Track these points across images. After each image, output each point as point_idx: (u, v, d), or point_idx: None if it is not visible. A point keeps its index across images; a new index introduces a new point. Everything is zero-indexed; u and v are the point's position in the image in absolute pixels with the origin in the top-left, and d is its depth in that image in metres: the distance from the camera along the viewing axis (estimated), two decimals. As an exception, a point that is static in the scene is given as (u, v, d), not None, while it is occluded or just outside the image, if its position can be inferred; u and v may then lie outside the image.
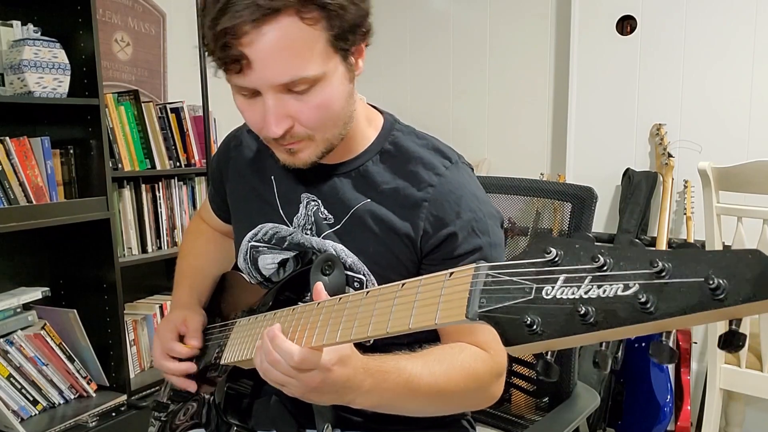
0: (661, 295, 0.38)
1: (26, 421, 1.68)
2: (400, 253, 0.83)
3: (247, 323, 0.85)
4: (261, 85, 0.73)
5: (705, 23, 2.20)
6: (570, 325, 0.41)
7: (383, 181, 0.84)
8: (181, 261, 1.09)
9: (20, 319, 1.73)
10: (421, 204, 0.82)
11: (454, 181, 0.84)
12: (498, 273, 0.48)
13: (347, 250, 0.85)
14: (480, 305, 0.48)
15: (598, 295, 0.41)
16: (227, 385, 0.86)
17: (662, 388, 2.00)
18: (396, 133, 0.87)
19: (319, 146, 0.79)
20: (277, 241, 0.91)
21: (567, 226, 1.14)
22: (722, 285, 0.36)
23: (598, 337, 0.42)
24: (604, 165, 2.44)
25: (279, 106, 0.74)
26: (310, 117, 0.75)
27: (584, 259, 0.43)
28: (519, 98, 2.66)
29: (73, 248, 1.90)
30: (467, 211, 0.81)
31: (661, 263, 0.39)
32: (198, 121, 2.26)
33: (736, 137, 2.18)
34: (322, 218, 0.87)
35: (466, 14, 2.71)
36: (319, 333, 0.65)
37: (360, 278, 0.84)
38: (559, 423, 1.01)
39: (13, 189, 1.65)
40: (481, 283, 0.49)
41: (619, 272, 0.41)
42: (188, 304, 0.99)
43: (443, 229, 0.81)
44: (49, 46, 1.68)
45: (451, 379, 0.75)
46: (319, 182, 0.87)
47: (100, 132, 1.78)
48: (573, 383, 1.11)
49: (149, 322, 2.10)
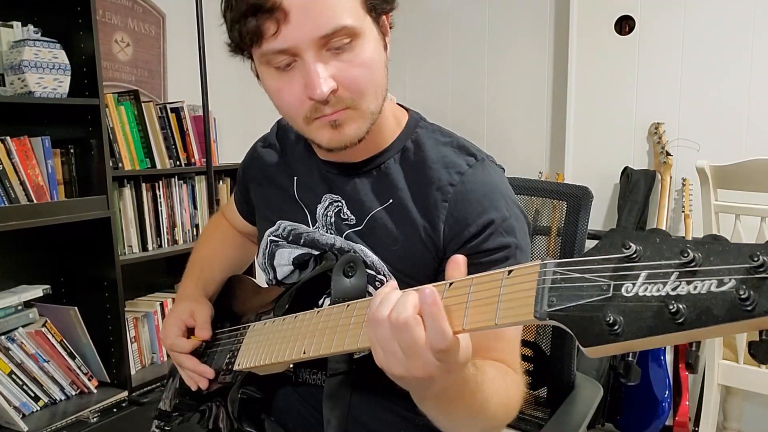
0: (762, 291, 0.35)
1: (28, 417, 1.69)
2: (421, 254, 0.80)
3: (263, 327, 0.83)
4: (301, 40, 0.68)
5: (703, 23, 2.20)
6: (659, 324, 0.38)
7: (403, 181, 0.82)
8: (193, 253, 1.08)
9: (21, 316, 1.74)
10: (441, 205, 0.79)
11: (478, 179, 0.80)
12: (568, 270, 0.44)
13: (367, 249, 0.83)
14: (550, 303, 0.44)
15: (688, 292, 0.38)
16: (240, 391, 0.84)
17: (661, 384, 2.01)
18: (419, 130, 0.85)
19: (364, 119, 0.75)
20: (294, 238, 0.90)
21: (563, 224, 1.15)
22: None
23: (689, 337, 0.39)
24: (602, 164, 2.45)
25: (321, 66, 0.69)
26: (354, 78, 0.71)
27: (668, 254, 0.40)
28: (518, 97, 2.67)
29: (74, 246, 1.91)
30: (492, 210, 0.78)
31: (762, 257, 0.36)
32: (198, 120, 2.27)
33: (734, 136, 2.19)
34: (343, 219, 0.85)
35: (465, 14, 2.72)
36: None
37: (381, 279, 0.82)
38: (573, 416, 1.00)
39: (14, 188, 1.66)
40: (549, 280, 0.45)
41: (711, 267, 0.38)
42: (193, 295, 0.97)
43: (465, 229, 0.77)
44: (50, 46, 1.69)
45: (499, 405, 0.68)
46: (342, 183, 0.86)
47: (100, 132, 1.79)
48: (573, 374, 1.12)
49: (150, 320, 2.11)
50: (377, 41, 0.74)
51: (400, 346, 0.53)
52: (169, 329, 0.92)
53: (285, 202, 0.92)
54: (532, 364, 1.18)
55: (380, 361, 0.56)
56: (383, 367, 0.56)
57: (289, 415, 0.90)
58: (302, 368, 0.90)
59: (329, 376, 0.79)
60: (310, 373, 0.89)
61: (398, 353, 0.53)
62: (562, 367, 1.12)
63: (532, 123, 2.65)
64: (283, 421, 0.90)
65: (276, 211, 0.93)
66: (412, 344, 0.52)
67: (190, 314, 0.93)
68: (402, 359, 0.53)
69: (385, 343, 0.54)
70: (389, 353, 0.54)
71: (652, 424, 1.99)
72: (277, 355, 0.75)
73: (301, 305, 0.78)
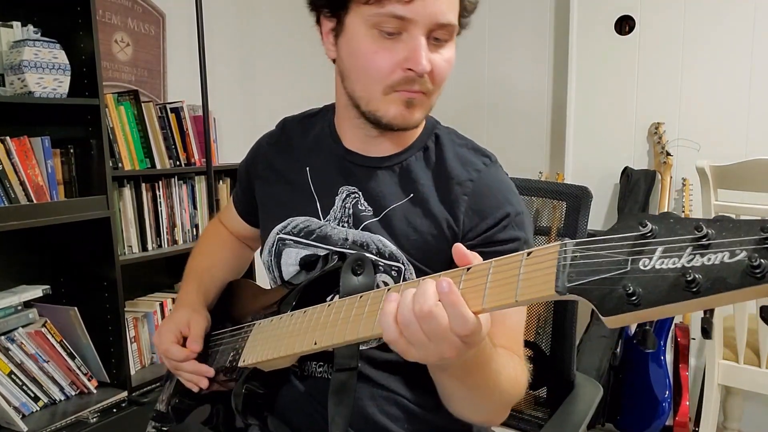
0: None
1: (27, 417, 1.69)
2: (440, 244, 0.84)
3: (269, 324, 0.84)
4: (425, 16, 0.74)
5: (703, 22, 2.20)
6: (675, 293, 0.41)
7: (425, 177, 0.87)
8: (191, 260, 1.08)
9: (21, 316, 1.74)
10: (461, 198, 0.84)
11: (493, 177, 0.87)
12: (587, 248, 0.47)
13: (385, 240, 0.85)
14: (569, 279, 0.47)
15: (702, 264, 0.40)
16: (245, 386, 0.85)
17: (661, 384, 2.01)
18: (438, 132, 0.91)
19: (427, 110, 0.83)
20: (305, 234, 0.90)
21: (563, 224, 1.15)
22: None
23: (704, 304, 0.41)
24: (602, 163, 2.45)
25: (426, 47, 0.76)
26: (440, 70, 0.79)
27: (681, 231, 0.42)
28: (518, 97, 2.67)
29: (74, 246, 1.91)
30: (507, 204, 0.84)
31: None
32: (198, 120, 2.27)
33: (734, 136, 2.19)
34: (361, 210, 0.87)
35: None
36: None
37: (398, 267, 0.85)
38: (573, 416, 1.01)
39: (14, 188, 1.66)
40: (569, 258, 0.48)
41: (723, 240, 0.40)
42: (193, 303, 0.98)
43: (483, 221, 0.83)
44: (49, 46, 1.69)
45: (509, 379, 0.74)
46: (361, 174, 0.89)
47: (100, 132, 1.79)
48: (573, 374, 1.12)
49: (150, 320, 2.11)
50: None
51: (426, 335, 0.57)
52: (165, 335, 0.92)
53: (296, 196, 0.92)
54: (532, 364, 1.17)
55: (404, 351, 0.59)
56: (407, 355, 0.59)
57: (293, 411, 0.90)
58: (308, 360, 0.90)
59: (336, 371, 0.79)
60: (317, 365, 0.89)
61: (425, 342, 0.57)
62: (562, 367, 1.13)
63: (532, 123, 2.65)
64: (287, 417, 0.90)
65: (286, 208, 0.93)
66: (438, 330, 0.56)
67: (187, 323, 0.93)
68: (430, 346, 0.57)
69: (413, 335, 0.57)
70: (418, 344, 0.58)
71: (652, 424, 1.99)
72: (286, 349, 0.76)
73: (307, 304, 0.79)
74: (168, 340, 0.91)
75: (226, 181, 2.44)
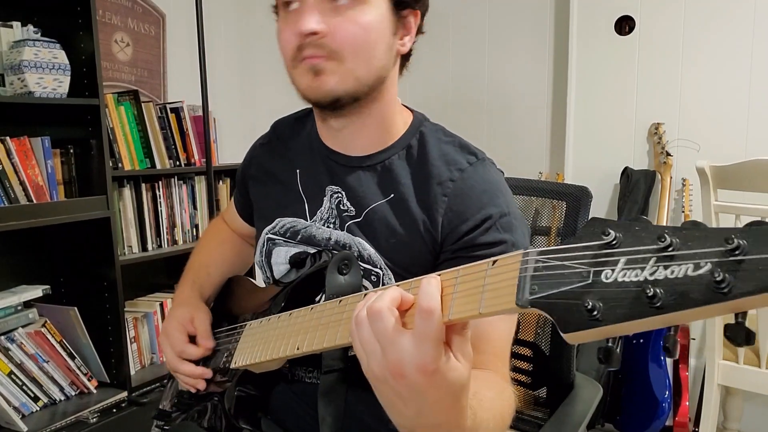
0: (737, 274, 0.35)
1: (27, 417, 1.69)
2: (418, 249, 0.81)
3: (259, 325, 0.83)
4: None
5: (703, 23, 2.20)
6: (636, 308, 0.38)
7: (406, 177, 0.84)
8: (191, 257, 1.09)
9: (21, 316, 1.74)
10: (440, 199, 0.80)
11: (478, 176, 0.82)
12: (549, 258, 0.44)
13: (365, 243, 0.83)
14: (531, 291, 0.44)
15: (665, 276, 0.38)
16: (237, 389, 0.85)
17: (661, 384, 2.01)
18: (423, 129, 0.88)
19: (345, 78, 0.76)
20: (291, 235, 0.90)
21: (563, 224, 1.15)
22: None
23: (667, 321, 0.39)
24: (602, 164, 2.45)
25: (316, 9, 0.74)
26: (345, 31, 0.74)
27: (647, 240, 0.40)
28: (518, 97, 2.67)
29: (74, 246, 1.91)
30: (491, 205, 0.79)
31: (737, 240, 0.36)
32: (197, 120, 2.27)
33: (734, 136, 2.19)
34: (343, 210, 0.86)
35: (465, 13, 2.72)
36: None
37: (377, 272, 0.83)
38: (573, 416, 1.00)
39: (14, 188, 1.66)
40: (531, 269, 0.45)
41: (687, 251, 0.38)
42: (189, 299, 0.98)
43: (463, 224, 0.79)
44: (49, 46, 1.69)
45: (493, 418, 0.64)
46: (345, 175, 0.87)
47: (100, 132, 1.79)
48: (572, 374, 1.12)
49: (149, 320, 2.11)
50: (384, 18, 0.77)
51: (377, 338, 0.51)
52: (175, 337, 0.91)
53: (286, 197, 0.93)
54: (532, 364, 1.18)
55: (364, 365, 0.54)
56: (367, 372, 0.54)
57: (286, 413, 0.90)
58: (298, 366, 0.90)
59: (324, 373, 0.79)
60: (306, 371, 0.90)
61: (376, 349, 0.51)
62: (562, 367, 1.12)
63: (532, 123, 2.65)
64: (280, 419, 0.90)
65: (275, 209, 0.93)
66: (384, 332, 0.50)
67: (190, 320, 0.93)
68: (379, 354, 0.51)
69: (363, 335, 0.52)
70: (370, 353, 0.52)
71: (652, 424, 1.99)
72: (272, 353, 0.75)
73: (297, 303, 0.78)
74: (181, 340, 0.91)
75: (226, 181, 2.44)
